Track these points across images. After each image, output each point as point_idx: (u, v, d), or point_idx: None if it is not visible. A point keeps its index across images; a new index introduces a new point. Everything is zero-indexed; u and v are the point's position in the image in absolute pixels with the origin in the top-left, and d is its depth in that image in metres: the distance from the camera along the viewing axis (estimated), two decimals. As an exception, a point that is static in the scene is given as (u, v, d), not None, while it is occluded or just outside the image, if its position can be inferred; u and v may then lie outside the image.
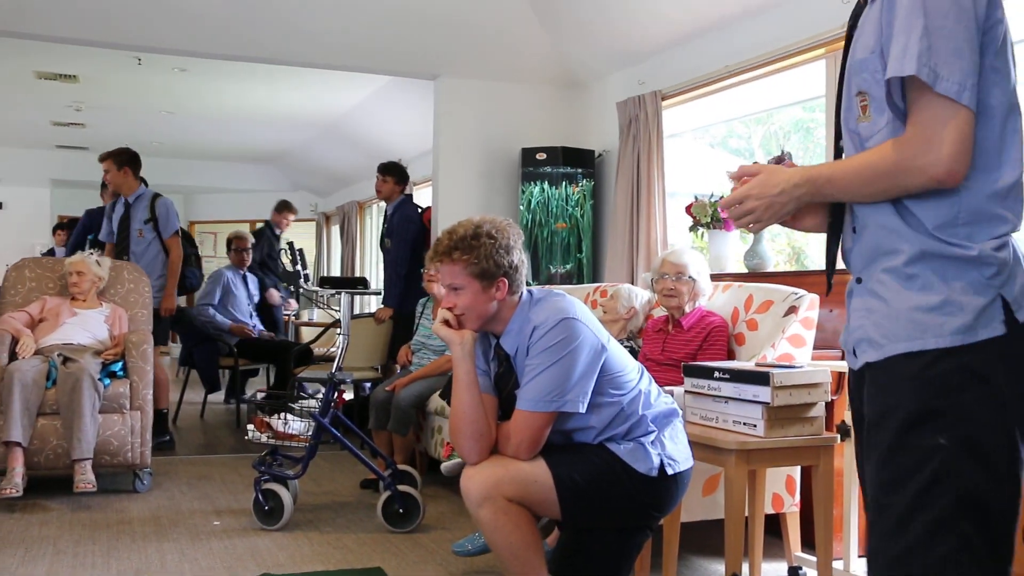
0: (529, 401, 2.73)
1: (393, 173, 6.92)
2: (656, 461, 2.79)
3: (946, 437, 1.69)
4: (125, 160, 6.62)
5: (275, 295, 8.78)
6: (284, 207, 9.41)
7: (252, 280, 8.35)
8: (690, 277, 4.16)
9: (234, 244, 8.40)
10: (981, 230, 1.74)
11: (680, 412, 3.01)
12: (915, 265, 1.76)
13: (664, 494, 2.84)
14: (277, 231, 9.31)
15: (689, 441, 3.00)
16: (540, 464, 2.76)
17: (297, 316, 9.22)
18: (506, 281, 2.82)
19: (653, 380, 3.00)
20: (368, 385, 6.80)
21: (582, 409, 2.74)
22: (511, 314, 2.86)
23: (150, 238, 6.46)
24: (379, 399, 5.39)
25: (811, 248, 5.98)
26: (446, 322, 2.86)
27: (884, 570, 1.76)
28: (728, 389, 3.36)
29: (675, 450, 2.86)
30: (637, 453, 2.79)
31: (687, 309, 4.16)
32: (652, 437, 2.83)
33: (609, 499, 2.79)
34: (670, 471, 2.81)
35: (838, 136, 1.98)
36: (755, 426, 3.26)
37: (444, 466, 4.49)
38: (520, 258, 2.86)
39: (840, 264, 2.00)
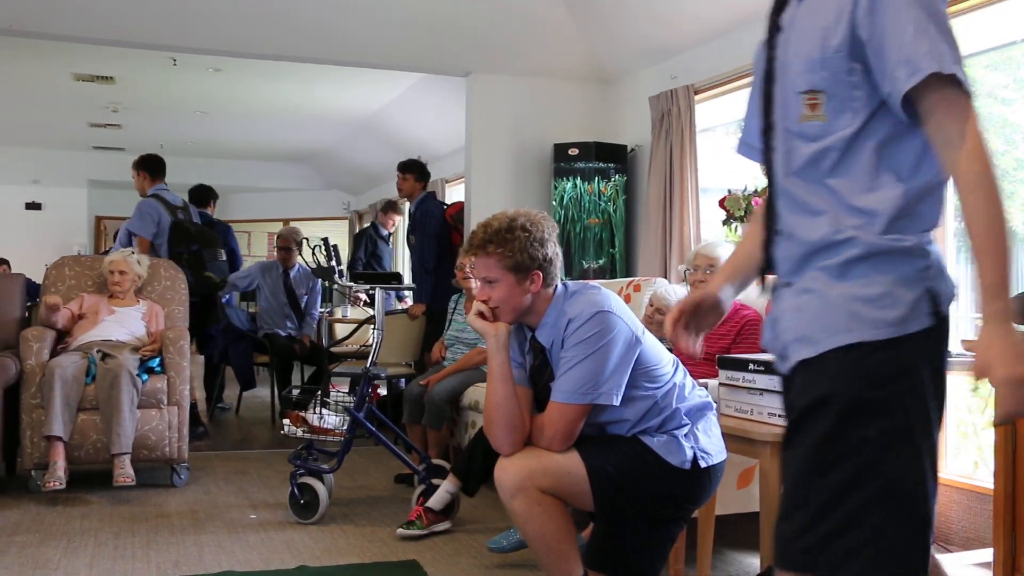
0: (563, 393, 2.74)
1: (413, 170, 6.97)
2: (689, 454, 2.79)
3: (877, 430, 1.71)
4: (139, 164, 6.85)
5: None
6: (390, 207, 9.47)
7: (299, 280, 8.33)
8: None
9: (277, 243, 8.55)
10: (912, 224, 1.76)
11: (714, 405, 3.00)
12: (852, 260, 1.76)
13: (697, 487, 2.84)
14: (384, 232, 9.38)
15: (723, 434, 3.00)
16: (574, 456, 2.77)
17: (331, 312, 9.24)
18: (540, 274, 2.82)
19: (688, 373, 2.99)
20: (403, 381, 6.83)
21: (616, 402, 2.74)
22: (546, 307, 2.86)
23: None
24: (413, 394, 5.42)
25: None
26: (481, 314, 2.87)
27: (793, 559, 1.77)
28: (763, 381, 3.33)
29: (708, 443, 2.86)
30: (670, 446, 2.79)
31: None
32: (686, 430, 2.83)
33: (642, 491, 2.79)
34: (703, 464, 2.81)
35: (765, 133, 1.93)
36: (790, 418, 3.24)
37: (399, 532, 4.27)
38: (555, 251, 2.87)
39: None
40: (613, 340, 2.72)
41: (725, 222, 5.43)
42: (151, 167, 6.81)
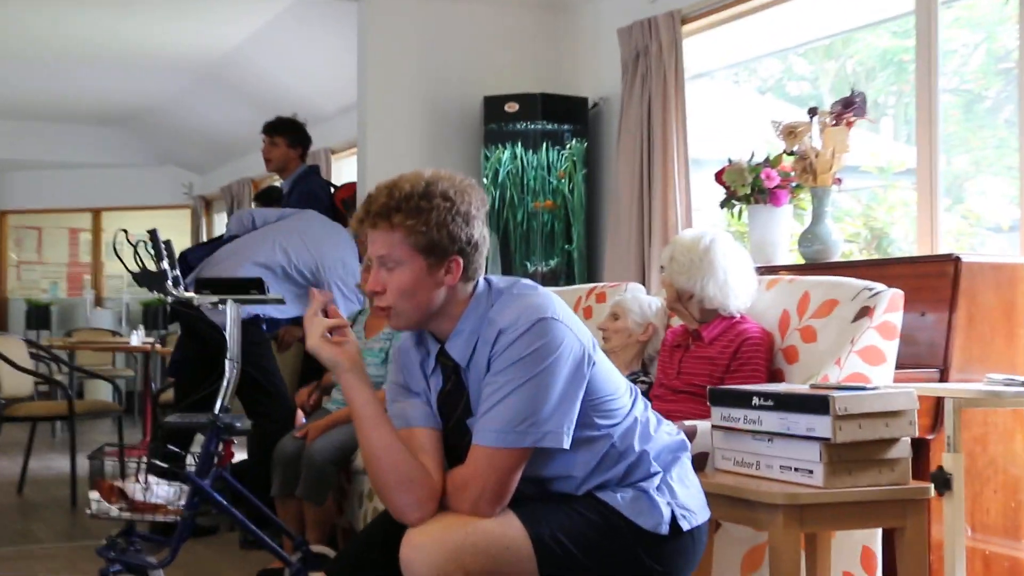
0: (493, 433, 2.76)
1: (284, 132, 6.91)
2: (667, 513, 2.87)
3: None
4: None
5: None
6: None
7: None
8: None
9: None
10: None
11: (689, 444, 3.09)
12: None
13: (678, 557, 2.92)
14: None
15: (713, 496, 3.09)
16: (512, 521, 2.79)
17: (163, 340, 9.21)
18: (461, 261, 2.85)
19: (649, 404, 3.08)
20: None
21: (566, 444, 2.77)
22: (462, 310, 2.89)
23: None
24: (286, 453, 5.42)
25: (896, 229, 6.10)
26: (326, 337, 2.85)
27: None
28: (772, 421, 3.43)
29: (688, 496, 2.95)
30: (640, 504, 2.87)
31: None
32: (657, 480, 2.91)
33: (607, 567, 2.87)
34: (685, 526, 2.89)
35: None
36: (811, 472, 3.34)
37: None
38: (482, 233, 2.88)
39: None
40: (559, 359, 2.76)
41: (724, 203, 5.56)
42: None
